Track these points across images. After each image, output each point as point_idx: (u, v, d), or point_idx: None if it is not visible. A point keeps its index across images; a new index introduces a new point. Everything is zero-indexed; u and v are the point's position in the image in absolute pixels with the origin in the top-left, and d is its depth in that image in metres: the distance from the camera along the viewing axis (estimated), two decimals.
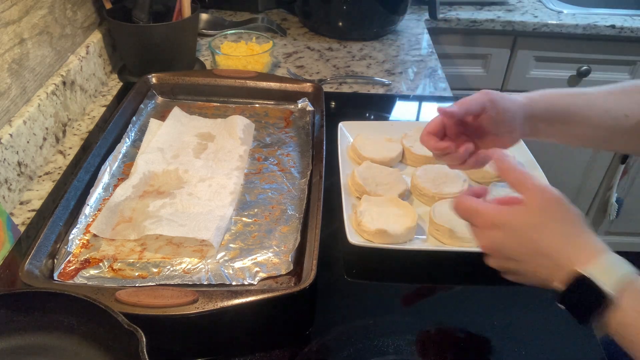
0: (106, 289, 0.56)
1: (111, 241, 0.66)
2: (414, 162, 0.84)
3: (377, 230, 0.67)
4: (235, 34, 1.14)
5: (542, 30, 1.44)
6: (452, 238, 0.68)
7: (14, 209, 0.75)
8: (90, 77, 1.00)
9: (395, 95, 1.08)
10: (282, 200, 0.74)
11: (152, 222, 0.66)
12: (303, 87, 0.96)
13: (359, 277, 0.68)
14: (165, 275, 0.61)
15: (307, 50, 1.24)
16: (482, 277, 0.69)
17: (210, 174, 0.77)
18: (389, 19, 1.29)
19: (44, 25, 0.86)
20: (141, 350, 0.45)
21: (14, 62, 0.78)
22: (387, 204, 0.71)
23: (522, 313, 0.64)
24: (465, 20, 1.46)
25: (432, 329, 0.61)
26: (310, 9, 1.30)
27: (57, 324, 0.51)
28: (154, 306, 0.53)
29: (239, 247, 0.66)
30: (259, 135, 0.88)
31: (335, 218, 0.72)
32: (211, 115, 0.92)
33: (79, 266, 0.62)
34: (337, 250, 0.71)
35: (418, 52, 1.26)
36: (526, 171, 0.52)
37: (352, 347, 0.58)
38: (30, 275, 0.57)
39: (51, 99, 0.85)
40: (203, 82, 0.96)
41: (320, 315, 0.63)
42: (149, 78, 0.95)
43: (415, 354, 0.58)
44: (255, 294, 0.55)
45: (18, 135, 0.76)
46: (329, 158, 0.79)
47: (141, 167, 0.76)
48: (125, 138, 0.83)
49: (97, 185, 0.73)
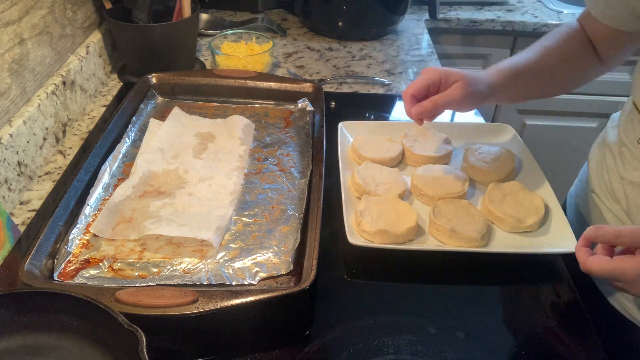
0: (106, 289, 0.56)
1: (111, 241, 0.66)
2: (414, 162, 0.84)
3: (377, 230, 0.67)
4: (235, 34, 1.14)
5: (542, 30, 1.44)
6: (452, 238, 0.68)
7: (14, 209, 0.75)
8: (90, 77, 1.00)
9: (395, 95, 1.08)
10: (282, 200, 0.74)
11: (152, 222, 0.66)
12: (303, 87, 0.96)
13: (359, 277, 0.68)
14: (165, 275, 0.61)
15: (307, 50, 1.24)
16: (482, 277, 0.69)
17: (210, 174, 0.77)
18: (389, 19, 1.29)
19: (44, 25, 0.86)
20: (141, 350, 0.45)
21: (14, 62, 0.78)
22: (387, 204, 0.71)
23: (522, 313, 0.64)
24: (465, 20, 1.46)
25: (432, 329, 0.61)
26: (311, 9, 1.30)
27: (57, 324, 0.51)
28: (154, 306, 0.53)
29: (239, 247, 0.66)
30: (259, 135, 0.88)
31: (335, 218, 0.72)
32: (211, 115, 0.92)
33: (79, 266, 0.62)
34: (337, 250, 0.71)
35: (418, 52, 1.26)
36: (622, 230, 0.55)
37: (352, 347, 0.58)
38: (30, 275, 0.57)
39: (51, 99, 0.85)
40: (203, 82, 0.96)
41: (320, 315, 0.63)
42: (149, 78, 0.95)
43: (415, 354, 0.58)
44: (255, 294, 0.55)
45: (18, 135, 0.76)
46: (329, 158, 0.79)
47: (141, 167, 0.76)
48: (125, 138, 0.83)
49: (97, 185, 0.73)
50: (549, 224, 0.72)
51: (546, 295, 0.67)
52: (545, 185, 0.78)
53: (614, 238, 0.55)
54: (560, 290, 0.67)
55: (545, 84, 0.77)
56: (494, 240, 0.70)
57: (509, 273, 0.69)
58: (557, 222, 0.72)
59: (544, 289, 0.68)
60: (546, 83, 0.77)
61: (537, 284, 0.68)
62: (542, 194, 0.76)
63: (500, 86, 0.72)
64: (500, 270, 0.69)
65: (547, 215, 0.73)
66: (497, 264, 0.69)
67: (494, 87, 0.72)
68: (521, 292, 0.67)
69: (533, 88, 0.77)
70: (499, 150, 0.83)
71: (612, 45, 0.73)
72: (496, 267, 0.69)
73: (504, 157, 0.81)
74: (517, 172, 0.82)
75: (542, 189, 0.77)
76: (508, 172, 0.79)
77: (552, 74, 0.75)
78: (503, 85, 0.73)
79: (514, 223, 0.71)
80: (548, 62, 0.75)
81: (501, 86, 0.73)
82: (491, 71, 0.74)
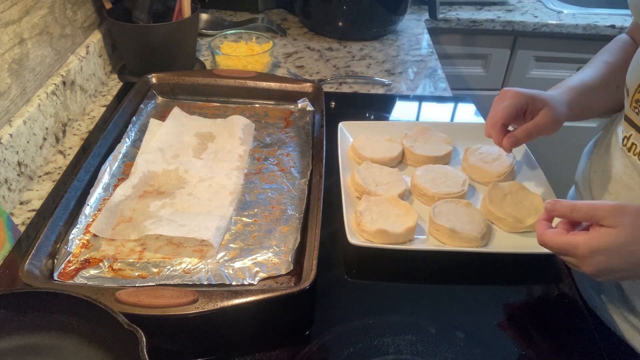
0: (106, 289, 0.56)
1: (111, 241, 0.66)
2: (414, 162, 0.84)
3: (377, 230, 0.67)
4: (235, 34, 1.14)
5: (542, 30, 1.45)
6: (452, 238, 0.68)
7: (14, 209, 0.75)
8: (90, 77, 1.00)
9: (395, 95, 1.08)
10: (282, 200, 0.74)
11: (152, 222, 0.66)
12: (303, 87, 0.96)
13: (359, 277, 0.68)
14: (165, 275, 0.61)
15: (307, 50, 1.24)
16: (482, 277, 0.69)
17: (210, 174, 0.77)
18: (389, 19, 1.29)
19: (44, 25, 0.86)
20: (141, 350, 0.45)
21: (14, 62, 0.78)
22: (387, 204, 0.71)
23: (522, 313, 0.64)
24: (465, 20, 1.46)
25: (432, 329, 0.61)
26: (311, 9, 1.30)
27: (57, 324, 0.51)
28: (154, 306, 0.53)
29: (239, 247, 0.66)
30: (259, 135, 0.88)
31: (335, 218, 0.72)
32: (211, 115, 0.92)
33: (79, 266, 0.62)
34: (337, 250, 0.71)
35: (418, 52, 1.26)
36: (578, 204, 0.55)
37: (352, 347, 0.58)
38: (30, 275, 0.57)
39: (51, 99, 0.85)
40: (203, 82, 0.96)
41: (320, 315, 0.63)
42: (149, 78, 0.95)
43: (415, 354, 0.58)
44: (255, 294, 0.55)
45: (18, 135, 0.76)
46: (329, 158, 0.79)
47: (141, 167, 0.76)
48: (125, 138, 0.83)
49: (97, 185, 0.73)
50: None
51: (546, 295, 0.67)
52: (545, 185, 0.78)
53: (570, 212, 0.56)
54: (560, 290, 0.67)
55: (612, 99, 0.76)
56: (494, 240, 0.70)
57: (509, 273, 0.69)
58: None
59: (544, 289, 0.68)
60: (613, 99, 0.76)
61: (537, 284, 0.68)
62: (542, 194, 0.76)
63: (576, 105, 0.72)
64: (500, 270, 0.69)
65: None
66: (497, 264, 0.69)
67: (571, 106, 0.72)
68: (521, 292, 0.67)
69: (602, 104, 0.76)
70: (499, 150, 0.82)
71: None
72: (496, 267, 0.69)
73: (504, 157, 0.81)
74: (517, 172, 0.82)
75: (542, 189, 0.77)
76: (508, 172, 0.79)
77: (618, 89, 0.74)
78: (577, 103, 0.73)
79: (514, 223, 0.71)
80: (614, 78, 0.74)
81: (576, 104, 0.72)
82: (564, 89, 0.73)
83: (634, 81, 0.65)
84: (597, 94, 0.74)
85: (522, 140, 0.71)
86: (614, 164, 0.69)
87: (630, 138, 0.65)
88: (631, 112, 0.65)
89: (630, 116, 0.65)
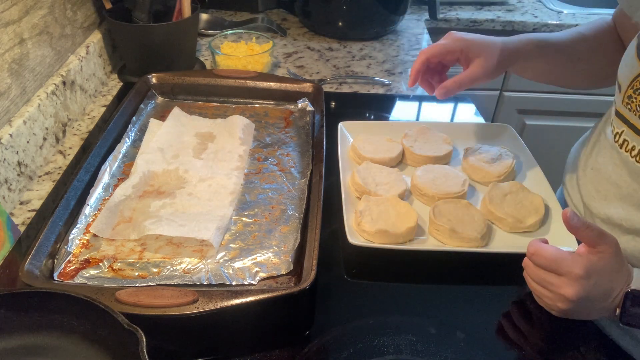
0: (106, 289, 0.56)
1: (111, 241, 0.66)
2: (414, 162, 0.84)
3: (377, 230, 0.67)
4: (235, 34, 1.14)
5: (542, 30, 1.45)
6: (452, 238, 0.68)
7: (14, 209, 0.75)
8: (90, 77, 1.00)
9: (395, 95, 1.08)
10: (282, 200, 0.74)
11: (152, 222, 0.66)
12: (303, 87, 0.96)
13: (359, 277, 0.68)
14: (165, 275, 0.61)
15: (307, 50, 1.24)
16: (482, 277, 0.69)
17: (210, 174, 0.77)
18: (389, 19, 1.29)
19: (44, 25, 0.86)
20: (141, 350, 0.45)
21: (14, 62, 0.78)
22: (387, 204, 0.71)
23: (522, 313, 0.64)
24: (465, 20, 1.46)
25: (432, 329, 0.61)
26: (311, 9, 1.30)
27: (57, 324, 0.51)
28: (154, 306, 0.53)
29: (239, 247, 0.66)
30: (259, 135, 0.88)
31: (335, 218, 0.72)
32: (211, 115, 0.92)
33: (79, 266, 0.62)
34: (337, 250, 0.71)
35: (418, 52, 1.25)
36: (592, 224, 0.55)
37: (352, 347, 0.58)
38: (30, 275, 0.57)
39: (51, 99, 0.85)
40: (203, 82, 0.96)
41: (320, 315, 0.63)
42: (149, 78, 0.95)
43: (415, 354, 0.58)
44: (255, 294, 0.55)
45: (18, 135, 0.76)
46: (329, 158, 0.79)
47: (141, 167, 0.76)
48: (125, 138, 0.83)
49: (97, 185, 0.73)
50: (549, 224, 0.72)
51: None
52: (545, 185, 0.78)
53: (585, 228, 0.55)
54: None
55: (567, 67, 0.76)
56: (494, 240, 0.70)
57: (509, 273, 0.68)
58: (557, 222, 0.72)
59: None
60: (569, 67, 0.76)
61: None
62: (542, 194, 0.76)
63: (521, 54, 0.72)
64: (500, 270, 0.69)
65: (547, 215, 0.73)
66: (497, 264, 0.69)
67: (513, 53, 0.71)
68: (521, 292, 0.67)
69: (554, 67, 0.76)
70: (499, 150, 0.83)
71: None
72: (496, 267, 0.69)
73: (504, 157, 0.81)
74: (517, 172, 0.82)
75: (542, 189, 0.77)
76: (508, 172, 0.79)
77: (579, 60, 0.74)
78: (525, 53, 0.72)
79: (514, 223, 0.71)
80: (578, 47, 0.74)
81: (523, 54, 0.72)
82: (515, 38, 0.73)
83: (627, 76, 0.64)
84: (554, 54, 0.73)
85: (453, 90, 0.70)
86: (604, 162, 0.68)
87: (622, 134, 0.65)
88: (623, 108, 0.65)
89: (622, 112, 0.65)
